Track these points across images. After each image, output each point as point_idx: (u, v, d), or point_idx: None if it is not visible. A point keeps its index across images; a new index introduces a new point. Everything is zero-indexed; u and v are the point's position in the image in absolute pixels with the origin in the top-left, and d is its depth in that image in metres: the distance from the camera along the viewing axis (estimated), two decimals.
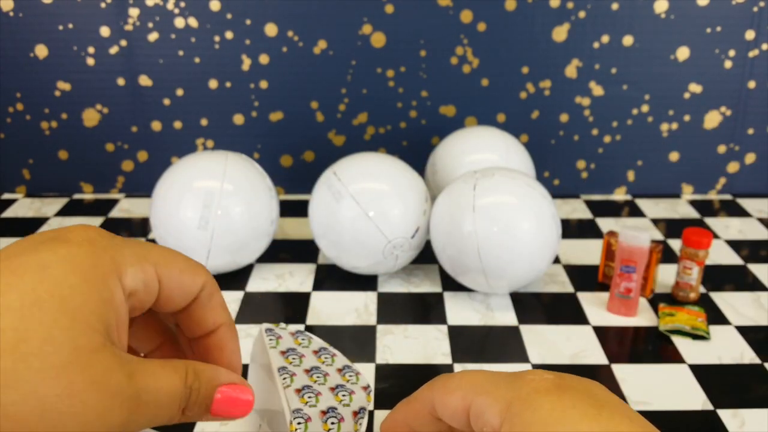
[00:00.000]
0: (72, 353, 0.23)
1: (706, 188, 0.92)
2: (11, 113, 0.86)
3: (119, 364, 0.24)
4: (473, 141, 0.78)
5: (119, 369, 0.24)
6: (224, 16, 0.82)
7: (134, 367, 0.25)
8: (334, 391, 0.39)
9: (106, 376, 0.24)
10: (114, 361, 0.24)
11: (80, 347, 0.23)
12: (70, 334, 0.23)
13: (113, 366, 0.24)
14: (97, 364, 0.24)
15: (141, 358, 0.26)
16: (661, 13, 0.82)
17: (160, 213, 0.68)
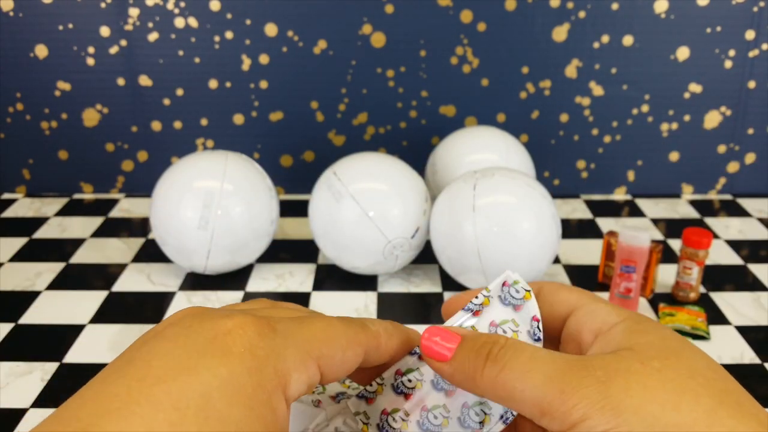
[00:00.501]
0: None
1: (706, 188, 0.92)
2: (11, 113, 0.86)
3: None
4: (473, 141, 0.78)
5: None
6: (224, 16, 0.82)
7: None
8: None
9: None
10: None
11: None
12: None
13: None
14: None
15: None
16: (661, 13, 0.82)
17: (160, 213, 0.68)
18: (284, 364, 0.23)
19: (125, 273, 0.72)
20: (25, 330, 0.63)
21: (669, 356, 0.24)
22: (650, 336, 0.25)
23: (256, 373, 0.22)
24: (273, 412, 0.23)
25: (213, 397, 0.21)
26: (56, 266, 0.73)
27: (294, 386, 0.24)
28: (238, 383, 0.22)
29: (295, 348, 0.24)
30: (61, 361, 0.59)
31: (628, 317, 0.27)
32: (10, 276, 0.72)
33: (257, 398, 0.22)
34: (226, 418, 0.21)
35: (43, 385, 0.56)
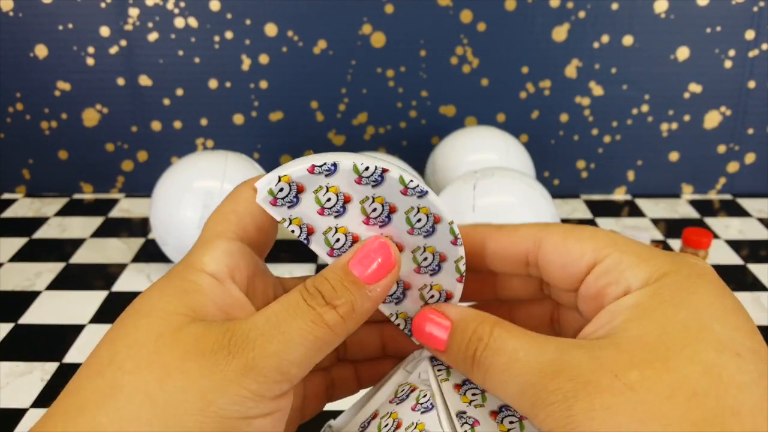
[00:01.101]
0: (154, 343, 0.22)
1: (706, 188, 0.92)
2: (11, 113, 0.86)
3: (212, 328, 0.22)
4: (473, 141, 0.78)
5: (212, 331, 0.22)
6: (224, 16, 0.82)
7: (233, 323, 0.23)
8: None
9: (195, 344, 0.22)
10: (202, 329, 0.22)
11: (161, 334, 0.22)
12: (150, 329, 0.23)
13: (204, 332, 0.22)
14: (182, 339, 0.22)
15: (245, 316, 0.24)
16: (661, 13, 0.82)
17: (160, 213, 0.68)
18: (189, 257, 0.25)
19: (125, 273, 0.72)
20: (25, 330, 0.63)
21: (654, 363, 0.20)
22: (651, 324, 0.21)
23: (167, 274, 0.25)
24: (189, 283, 0.24)
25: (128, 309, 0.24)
26: (56, 266, 0.73)
27: (210, 263, 0.25)
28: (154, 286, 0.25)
29: (196, 246, 0.26)
30: (61, 361, 0.59)
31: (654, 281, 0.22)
32: (10, 276, 0.72)
33: (165, 282, 0.24)
34: (138, 302, 0.24)
35: (43, 385, 0.56)
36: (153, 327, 0.23)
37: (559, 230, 0.25)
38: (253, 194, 0.26)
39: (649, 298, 0.22)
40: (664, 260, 0.23)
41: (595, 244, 0.24)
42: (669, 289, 0.22)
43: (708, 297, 0.22)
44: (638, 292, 0.22)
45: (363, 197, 0.26)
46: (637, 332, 0.21)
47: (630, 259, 0.23)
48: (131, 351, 0.22)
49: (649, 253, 0.23)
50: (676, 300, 0.21)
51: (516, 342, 0.23)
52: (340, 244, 0.26)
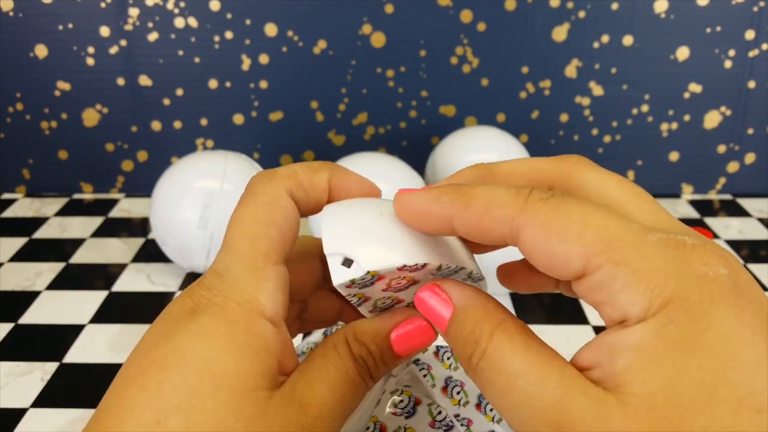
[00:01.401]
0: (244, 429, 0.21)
1: (706, 188, 0.92)
2: (11, 113, 0.86)
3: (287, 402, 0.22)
4: (473, 141, 0.78)
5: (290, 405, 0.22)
6: (224, 16, 0.82)
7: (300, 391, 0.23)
8: None
9: (283, 425, 0.22)
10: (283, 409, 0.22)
11: (250, 419, 0.21)
12: (236, 410, 0.21)
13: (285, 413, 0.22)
14: (271, 424, 0.22)
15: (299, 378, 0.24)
16: (661, 13, 0.82)
17: (160, 213, 0.68)
18: (242, 294, 0.23)
19: (125, 273, 0.72)
20: (25, 330, 0.63)
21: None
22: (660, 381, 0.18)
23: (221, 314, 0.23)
24: (257, 338, 0.23)
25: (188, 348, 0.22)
26: (56, 266, 0.73)
27: (267, 304, 0.23)
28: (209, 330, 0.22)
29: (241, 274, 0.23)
30: (61, 361, 0.59)
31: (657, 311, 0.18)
32: (10, 276, 0.72)
33: (231, 334, 0.22)
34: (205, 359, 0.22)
35: (43, 385, 0.56)
36: (238, 409, 0.21)
37: (538, 219, 0.21)
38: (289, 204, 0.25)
39: (654, 339, 0.18)
40: (669, 276, 0.19)
41: (582, 248, 0.20)
42: (676, 326, 0.18)
43: (723, 330, 0.18)
44: (640, 329, 0.19)
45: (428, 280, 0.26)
46: (644, 389, 0.18)
47: (625, 276, 0.19)
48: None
49: (650, 261, 0.19)
50: (686, 343, 0.18)
51: (516, 362, 0.20)
52: (384, 305, 0.26)
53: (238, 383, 0.21)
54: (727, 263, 0.19)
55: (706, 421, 0.17)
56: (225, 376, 0.21)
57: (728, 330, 0.18)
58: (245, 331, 0.22)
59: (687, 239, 0.20)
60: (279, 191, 0.25)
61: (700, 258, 0.19)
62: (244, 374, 0.22)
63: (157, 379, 0.21)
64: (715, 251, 0.20)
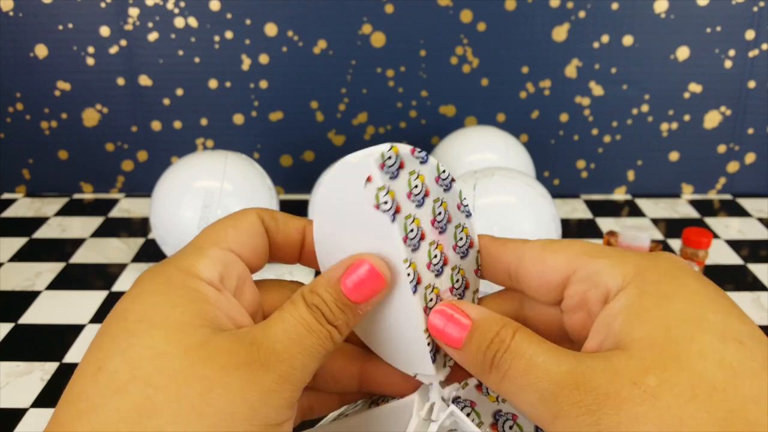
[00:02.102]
0: (185, 356, 0.22)
1: (706, 188, 0.92)
2: (11, 113, 0.86)
3: (237, 340, 0.23)
4: (473, 141, 0.78)
5: (239, 343, 0.23)
6: (224, 16, 0.82)
7: (253, 333, 0.24)
8: None
9: (228, 357, 0.22)
10: (230, 340, 0.23)
11: (190, 347, 0.22)
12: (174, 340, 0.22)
13: (232, 345, 0.23)
14: (214, 351, 0.22)
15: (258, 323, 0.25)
16: (661, 13, 0.82)
17: (160, 213, 0.68)
18: (182, 263, 0.25)
19: (125, 273, 0.72)
20: (25, 330, 0.63)
21: (668, 365, 0.20)
22: (652, 322, 0.21)
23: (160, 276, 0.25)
24: (192, 290, 0.24)
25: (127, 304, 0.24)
26: (56, 266, 0.73)
27: (204, 271, 0.25)
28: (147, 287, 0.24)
29: (187, 251, 0.26)
30: (61, 361, 0.59)
31: (633, 278, 0.23)
32: (10, 276, 0.72)
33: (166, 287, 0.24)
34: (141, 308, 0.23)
35: (43, 385, 0.56)
36: (177, 339, 0.22)
37: (537, 244, 0.27)
38: (256, 220, 0.28)
39: (638, 296, 0.22)
40: (637, 258, 0.24)
41: (568, 255, 0.25)
42: (653, 284, 0.22)
43: (693, 286, 0.22)
44: (624, 293, 0.23)
45: (436, 197, 0.27)
46: (641, 333, 0.21)
47: (602, 263, 0.24)
48: (158, 365, 0.22)
49: (621, 255, 0.24)
50: (665, 293, 0.22)
51: (536, 347, 0.23)
52: (413, 234, 0.26)
53: (174, 321, 0.23)
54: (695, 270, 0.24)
55: (699, 347, 0.20)
56: (160, 316, 0.23)
57: (697, 286, 0.22)
58: (181, 286, 0.24)
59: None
60: (251, 213, 0.28)
61: (663, 252, 0.25)
62: (179, 314, 0.23)
63: (101, 339, 0.23)
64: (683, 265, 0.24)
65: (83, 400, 0.21)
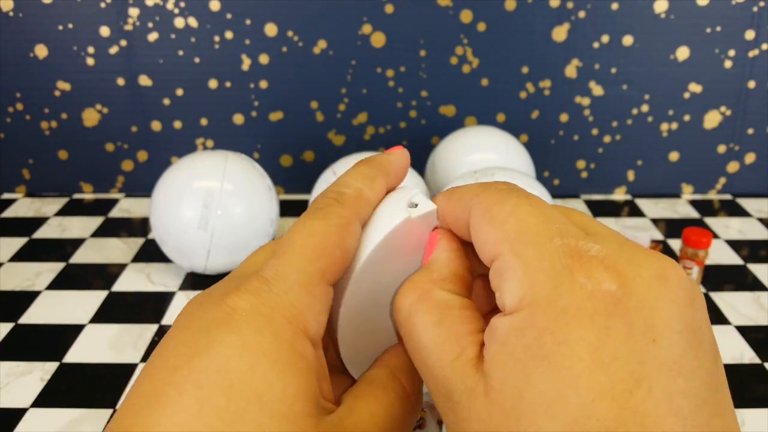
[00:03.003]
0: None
1: (706, 188, 0.92)
2: (11, 113, 0.86)
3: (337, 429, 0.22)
4: (473, 141, 0.78)
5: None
6: (224, 16, 0.82)
7: (346, 421, 0.22)
8: None
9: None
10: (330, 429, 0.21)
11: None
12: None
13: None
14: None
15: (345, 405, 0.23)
16: (661, 13, 0.82)
17: (160, 213, 0.68)
18: (291, 309, 0.22)
19: (125, 273, 0.72)
20: (25, 330, 0.63)
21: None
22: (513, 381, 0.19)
23: (267, 328, 0.21)
24: (300, 356, 0.21)
25: (232, 366, 0.20)
26: (56, 266, 0.73)
27: (313, 324, 0.22)
28: (252, 344, 0.21)
29: (294, 286, 0.22)
30: (61, 361, 0.59)
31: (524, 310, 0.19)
32: (10, 276, 0.72)
33: (278, 351, 0.21)
34: (250, 379, 0.20)
35: (43, 385, 0.56)
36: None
37: (483, 204, 0.22)
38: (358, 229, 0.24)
39: (513, 338, 0.19)
40: (548, 277, 0.20)
41: (499, 234, 0.21)
42: (535, 330, 0.19)
43: (578, 348, 0.18)
44: (508, 323, 0.20)
45: None
46: (500, 386, 0.19)
47: (515, 266, 0.20)
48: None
49: (541, 261, 0.20)
50: (540, 351, 0.19)
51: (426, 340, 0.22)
52: None
53: (284, 408, 0.20)
54: (623, 279, 0.19)
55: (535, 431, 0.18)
56: (272, 400, 0.20)
57: (583, 349, 0.18)
58: (291, 349, 0.21)
59: (594, 251, 0.20)
60: (352, 216, 0.24)
61: (588, 270, 0.20)
62: (291, 397, 0.20)
63: (197, 400, 0.19)
64: (619, 267, 0.20)
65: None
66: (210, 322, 0.21)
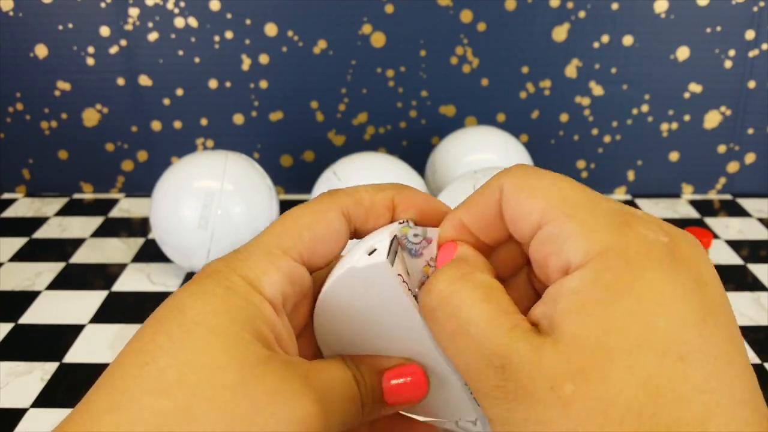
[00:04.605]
0: (238, 373, 0.21)
1: (706, 188, 0.92)
2: (11, 113, 0.86)
3: (290, 369, 0.22)
4: (473, 141, 0.78)
5: (292, 373, 0.22)
6: (224, 16, 0.82)
7: (305, 367, 0.23)
8: None
9: (281, 384, 0.21)
10: (283, 367, 0.22)
11: (245, 364, 0.21)
12: (231, 354, 0.21)
13: (285, 373, 0.22)
14: (268, 374, 0.21)
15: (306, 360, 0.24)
16: (661, 13, 0.82)
17: (160, 213, 0.68)
18: (248, 271, 0.24)
19: (125, 273, 0.72)
20: (25, 330, 0.63)
21: (591, 374, 0.19)
22: (592, 321, 0.19)
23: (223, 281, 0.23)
24: (252, 305, 0.23)
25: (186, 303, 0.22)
26: (56, 266, 0.73)
27: (268, 288, 0.24)
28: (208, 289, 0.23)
29: (255, 254, 0.24)
30: (61, 361, 0.59)
31: (594, 258, 0.20)
32: (10, 276, 0.72)
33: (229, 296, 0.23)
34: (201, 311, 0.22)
35: (43, 385, 0.56)
36: (234, 354, 0.21)
37: (515, 178, 0.23)
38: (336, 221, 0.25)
39: (589, 284, 0.20)
40: (611, 230, 0.20)
41: (544, 202, 0.22)
42: (611, 271, 0.20)
43: (655, 283, 0.19)
44: (578, 275, 0.20)
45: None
46: (576, 330, 0.19)
47: (572, 227, 0.21)
48: (210, 376, 0.21)
49: (597, 219, 0.21)
50: (618, 287, 0.19)
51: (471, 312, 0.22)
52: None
53: (233, 335, 0.21)
54: (669, 235, 0.21)
55: (630, 362, 0.18)
56: (220, 326, 0.21)
57: (660, 284, 0.19)
58: (243, 298, 0.23)
59: (639, 213, 0.22)
60: (331, 205, 0.25)
61: (644, 224, 0.21)
62: (239, 328, 0.22)
63: (153, 330, 0.22)
64: (662, 224, 0.21)
65: (123, 392, 0.21)
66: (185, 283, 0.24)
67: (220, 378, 0.20)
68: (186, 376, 0.20)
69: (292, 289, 0.24)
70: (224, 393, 0.20)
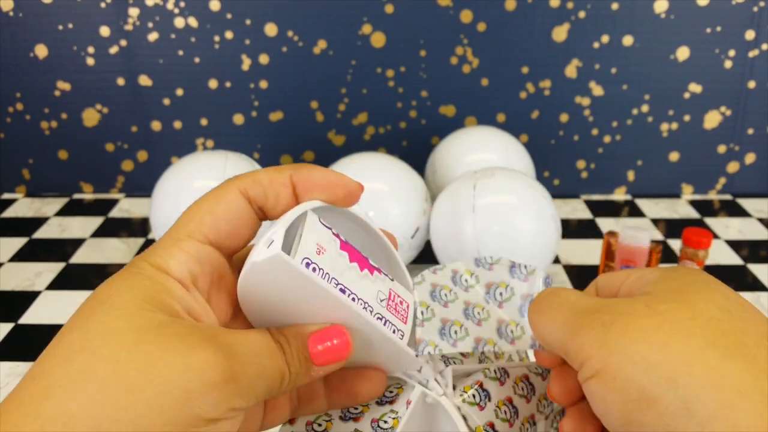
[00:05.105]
0: (135, 333, 0.22)
1: (706, 188, 0.92)
2: (11, 113, 0.86)
3: (194, 330, 0.23)
4: (473, 141, 0.78)
5: (194, 332, 0.23)
6: (224, 16, 0.82)
7: (216, 329, 0.24)
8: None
9: (179, 341, 0.23)
10: (185, 329, 0.23)
11: (142, 327, 0.23)
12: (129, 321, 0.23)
13: (185, 332, 0.23)
14: (167, 334, 0.23)
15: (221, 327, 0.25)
16: (661, 13, 0.82)
17: (160, 213, 0.68)
18: (155, 256, 0.26)
19: None
20: (25, 330, 0.63)
21: (679, 300, 0.24)
22: (676, 282, 0.26)
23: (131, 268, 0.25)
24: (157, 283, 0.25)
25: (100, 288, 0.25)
26: (56, 266, 0.73)
27: (176, 268, 0.25)
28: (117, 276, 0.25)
29: (162, 241, 0.26)
30: None
31: (669, 269, 0.27)
32: (10, 276, 0.72)
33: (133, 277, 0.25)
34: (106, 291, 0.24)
35: None
36: (132, 319, 0.23)
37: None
38: (236, 199, 0.27)
39: (668, 273, 0.26)
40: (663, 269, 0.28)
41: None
42: (678, 272, 0.26)
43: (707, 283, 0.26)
44: (656, 273, 0.27)
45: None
46: (665, 286, 0.25)
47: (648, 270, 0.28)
48: (107, 339, 0.22)
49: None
50: (687, 277, 0.26)
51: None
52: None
53: (134, 305, 0.23)
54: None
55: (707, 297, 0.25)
56: (121, 299, 0.24)
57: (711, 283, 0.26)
58: (147, 278, 0.25)
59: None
60: (229, 187, 0.27)
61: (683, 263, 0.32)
62: (140, 300, 0.24)
63: (72, 317, 0.24)
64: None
65: (37, 366, 0.23)
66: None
67: (117, 339, 0.22)
68: (88, 342, 0.22)
69: (200, 267, 0.26)
70: (120, 352, 0.22)
